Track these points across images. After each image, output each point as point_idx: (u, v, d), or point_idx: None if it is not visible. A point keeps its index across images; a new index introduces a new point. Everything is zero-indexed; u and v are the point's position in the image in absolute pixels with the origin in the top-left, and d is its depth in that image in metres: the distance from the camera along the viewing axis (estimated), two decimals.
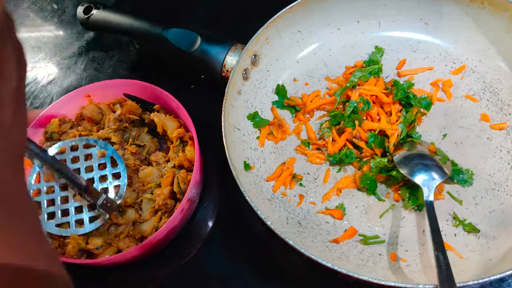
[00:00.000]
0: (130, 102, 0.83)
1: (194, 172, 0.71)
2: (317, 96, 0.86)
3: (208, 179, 0.84)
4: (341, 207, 0.76)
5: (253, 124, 0.84)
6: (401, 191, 0.75)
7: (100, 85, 0.83)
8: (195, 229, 0.80)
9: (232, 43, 0.84)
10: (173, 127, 0.80)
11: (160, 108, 0.83)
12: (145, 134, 0.83)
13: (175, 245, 0.78)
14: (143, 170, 0.76)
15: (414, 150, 0.76)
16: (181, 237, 0.78)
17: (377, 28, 0.91)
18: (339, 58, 0.90)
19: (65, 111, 0.83)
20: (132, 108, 0.83)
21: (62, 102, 0.82)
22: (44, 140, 0.80)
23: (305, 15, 0.87)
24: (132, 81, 0.82)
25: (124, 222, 0.74)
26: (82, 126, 0.82)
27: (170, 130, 0.80)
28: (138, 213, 0.75)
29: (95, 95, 0.84)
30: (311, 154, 0.81)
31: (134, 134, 0.82)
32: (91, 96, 0.84)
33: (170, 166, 0.77)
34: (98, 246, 0.71)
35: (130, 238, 0.72)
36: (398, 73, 0.87)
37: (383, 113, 0.80)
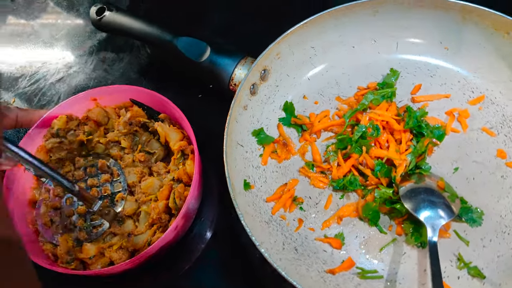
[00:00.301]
0: (136, 108, 0.82)
1: (192, 189, 0.69)
2: (326, 117, 0.83)
3: (208, 193, 0.82)
4: (340, 236, 0.73)
5: (257, 140, 0.81)
6: (405, 225, 0.72)
7: (108, 90, 0.82)
8: (191, 244, 0.79)
9: (242, 56, 0.82)
10: (175, 138, 0.78)
11: (166, 118, 0.81)
12: (155, 141, 0.81)
13: (170, 258, 0.77)
14: (145, 180, 0.75)
15: (421, 183, 0.73)
16: (177, 250, 0.77)
17: (394, 50, 0.87)
18: (352, 78, 0.87)
19: (71, 112, 0.82)
20: (138, 115, 0.81)
21: (68, 104, 0.81)
22: (49, 136, 0.79)
23: (320, 31, 0.84)
24: (139, 88, 0.80)
25: (120, 232, 0.72)
26: (88, 125, 0.81)
27: (173, 141, 0.78)
28: (135, 225, 0.73)
29: (102, 98, 0.82)
30: (315, 177, 0.78)
31: (144, 139, 0.81)
32: (97, 100, 0.82)
33: (169, 179, 0.75)
34: (91, 256, 0.70)
35: (123, 250, 0.71)
36: (412, 98, 0.83)
37: (393, 141, 0.77)
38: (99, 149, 0.80)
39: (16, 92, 0.95)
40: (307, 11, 0.83)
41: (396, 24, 0.85)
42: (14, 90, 0.95)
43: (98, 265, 0.70)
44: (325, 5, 0.96)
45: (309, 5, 1.01)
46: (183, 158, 0.77)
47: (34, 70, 0.99)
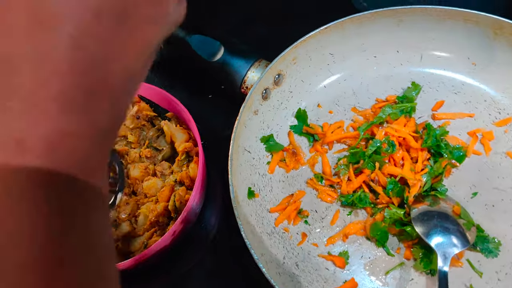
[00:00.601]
0: (144, 104, 0.79)
1: (193, 193, 0.66)
2: (340, 128, 0.79)
3: (211, 197, 0.79)
4: (344, 255, 0.69)
5: (266, 147, 0.78)
6: (414, 249, 0.68)
7: None
8: (189, 249, 0.76)
9: (256, 58, 0.79)
10: (181, 139, 0.75)
11: (173, 117, 0.78)
12: (163, 137, 0.78)
13: (167, 262, 0.74)
14: (147, 180, 0.72)
15: (435, 207, 0.68)
16: (174, 254, 0.74)
17: (418, 62, 0.83)
18: (371, 89, 0.82)
19: None
20: (145, 111, 0.79)
21: None
22: None
23: (341, 38, 0.80)
24: (148, 85, 0.78)
25: (115, 234, 0.70)
26: None
27: (178, 142, 0.75)
28: (132, 226, 0.71)
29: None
30: (323, 191, 0.74)
31: (151, 135, 0.78)
32: None
33: (171, 180, 0.73)
34: None
35: (116, 252, 0.68)
36: (433, 115, 0.79)
37: (408, 159, 0.73)
38: None
39: None
40: (329, 16, 0.79)
41: (422, 35, 0.80)
42: None
43: None
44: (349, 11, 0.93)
45: (333, 9, 0.97)
46: (187, 160, 0.74)
47: None
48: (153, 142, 0.77)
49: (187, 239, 0.74)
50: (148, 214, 0.69)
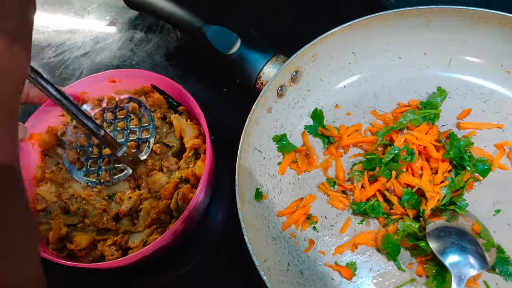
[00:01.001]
0: (157, 96, 0.76)
1: (197, 192, 0.64)
2: (357, 131, 0.75)
3: (218, 195, 0.77)
4: (352, 266, 0.66)
5: (277, 147, 0.75)
6: (428, 265, 0.64)
7: (129, 73, 0.78)
8: (191, 248, 0.74)
9: (274, 53, 0.75)
10: (191, 134, 0.72)
11: (184, 111, 0.76)
12: (173, 133, 0.76)
13: (167, 259, 0.72)
14: (153, 175, 0.70)
15: (453, 223, 0.64)
16: (174, 253, 0.72)
17: (445, 66, 0.78)
18: (393, 92, 0.78)
19: (87, 91, 0.78)
20: (158, 103, 0.77)
21: (86, 82, 0.77)
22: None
23: (365, 36, 0.76)
24: (161, 77, 0.75)
25: (115, 228, 0.68)
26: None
27: (187, 137, 0.72)
28: (133, 222, 0.69)
29: (122, 81, 0.78)
30: (334, 196, 0.71)
31: (164, 131, 0.76)
32: (116, 82, 0.78)
33: (176, 177, 0.70)
34: (82, 247, 0.66)
35: (116, 247, 0.67)
36: (458, 124, 0.74)
37: (428, 169, 0.68)
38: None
39: (41, 62, 0.92)
40: (355, 13, 0.75)
41: (453, 38, 0.75)
42: (39, 60, 0.92)
43: (89, 257, 0.66)
44: (376, 9, 0.89)
45: (360, 6, 0.92)
46: (195, 157, 0.72)
47: (61, 41, 0.96)
48: (164, 138, 0.75)
49: (189, 238, 0.72)
50: (150, 210, 0.66)
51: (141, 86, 0.78)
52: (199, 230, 0.74)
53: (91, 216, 0.69)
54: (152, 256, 0.65)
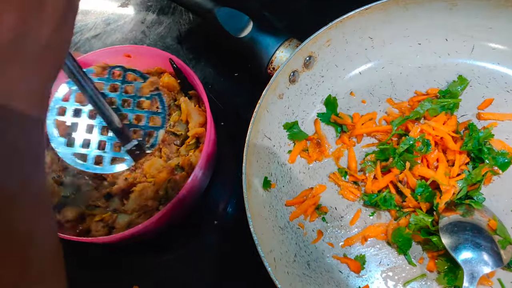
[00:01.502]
0: (168, 78, 0.74)
1: (187, 184, 0.62)
2: (371, 120, 0.72)
3: (223, 181, 0.75)
4: (361, 259, 0.64)
5: (288, 135, 0.73)
6: (439, 261, 0.62)
7: (142, 50, 0.75)
8: (186, 235, 0.73)
9: (287, 37, 0.73)
10: (196, 121, 0.71)
11: (195, 96, 0.74)
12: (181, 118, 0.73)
13: (158, 244, 0.72)
14: (149, 159, 0.69)
15: (468, 218, 0.61)
16: (167, 238, 0.71)
17: (468, 53, 0.74)
18: (410, 80, 0.75)
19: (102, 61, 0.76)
20: (170, 84, 0.74)
21: (102, 53, 0.75)
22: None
23: (383, 20, 0.72)
24: (175, 58, 0.72)
25: (105, 205, 0.68)
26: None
27: (192, 123, 0.71)
28: (123, 203, 0.68)
29: (136, 57, 0.76)
30: (345, 187, 0.69)
31: (175, 117, 0.73)
32: (131, 57, 0.76)
33: (174, 163, 0.69)
34: (67, 219, 0.66)
35: (103, 223, 0.66)
36: (478, 114, 0.70)
37: (444, 161, 0.65)
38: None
39: None
40: None
41: (477, 24, 0.71)
42: None
43: (76, 229, 0.66)
44: None
45: None
46: (195, 145, 0.70)
47: None
48: (171, 127, 0.73)
49: (188, 225, 0.72)
50: (140, 193, 0.65)
51: (155, 67, 0.76)
52: (199, 217, 0.73)
53: (83, 192, 0.68)
54: (137, 238, 0.65)
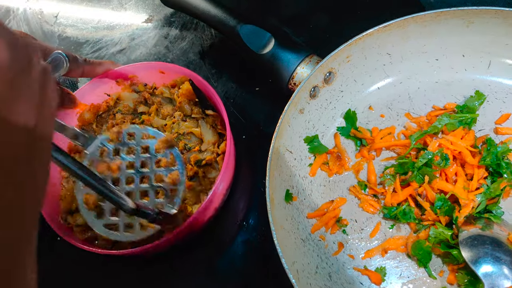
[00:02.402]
0: (188, 86, 0.75)
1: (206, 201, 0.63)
2: (390, 134, 0.74)
3: (240, 194, 0.77)
4: (381, 271, 0.66)
5: (309, 148, 0.75)
6: (460, 274, 0.63)
7: (175, 69, 0.76)
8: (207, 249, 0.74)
9: (308, 54, 0.75)
10: (210, 140, 0.73)
11: (212, 116, 0.74)
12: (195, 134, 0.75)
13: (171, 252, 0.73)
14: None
15: (488, 232, 0.63)
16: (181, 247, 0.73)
17: (485, 69, 0.75)
18: (428, 95, 0.76)
19: (138, 75, 0.79)
20: (189, 92, 0.75)
21: (138, 67, 0.78)
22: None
23: (401, 37, 0.74)
24: (196, 76, 0.74)
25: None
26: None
27: (205, 143, 0.73)
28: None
29: (165, 74, 0.78)
30: (365, 200, 0.71)
31: (187, 127, 0.75)
32: (164, 73, 0.78)
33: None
34: (78, 223, 0.68)
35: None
36: (496, 129, 0.72)
37: (462, 175, 0.67)
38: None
39: None
40: (392, 11, 0.73)
41: (493, 40, 0.73)
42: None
43: (85, 235, 0.69)
44: (414, 7, 0.87)
45: (397, 4, 0.90)
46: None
47: (99, 37, 0.98)
48: (181, 137, 0.74)
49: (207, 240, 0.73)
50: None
51: (173, 80, 0.78)
52: (220, 229, 0.74)
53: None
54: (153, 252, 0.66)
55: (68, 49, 0.97)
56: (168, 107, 0.77)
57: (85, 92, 0.76)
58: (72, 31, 1.00)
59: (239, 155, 0.76)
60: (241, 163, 0.77)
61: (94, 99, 0.77)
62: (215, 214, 0.71)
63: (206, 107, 0.74)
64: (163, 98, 0.78)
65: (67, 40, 0.99)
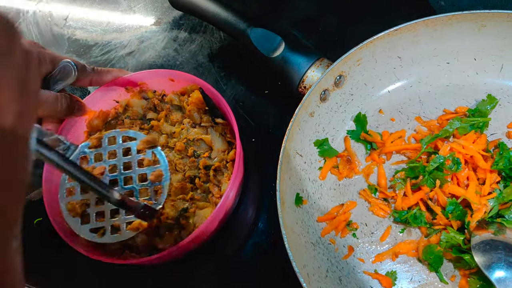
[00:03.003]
0: (198, 95, 0.75)
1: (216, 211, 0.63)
2: (400, 138, 0.74)
3: (250, 197, 0.77)
4: (392, 275, 0.65)
5: (319, 152, 0.75)
6: (472, 279, 0.62)
7: (186, 77, 0.75)
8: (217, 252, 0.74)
9: (318, 57, 0.74)
10: (219, 148, 0.73)
11: (222, 124, 0.74)
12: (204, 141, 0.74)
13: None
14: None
15: (500, 236, 0.62)
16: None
17: (497, 72, 0.75)
18: (439, 98, 0.76)
19: (147, 82, 0.78)
20: (199, 101, 0.76)
21: (147, 74, 0.77)
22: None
23: (412, 41, 0.74)
24: (207, 85, 0.73)
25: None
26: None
27: (214, 151, 0.73)
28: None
29: (175, 81, 0.78)
30: (375, 204, 0.70)
31: (196, 134, 0.74)
32: (174, 81, 0.77)
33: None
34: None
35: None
36: (508, 133, 0.71)
37: (474, 180, 0.66)
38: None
39: (88, 60, 0.95)
40: (403, 14, 0.73)
41: (506, 44, 0.72)
42: (87, 58, 0.95)
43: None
44: (424, 9, 0.86)
45: (408, 7, 0.90)
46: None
47: (108, 40, 0.98)
48: (190, 143, 0.74)
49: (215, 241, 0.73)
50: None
51: (182, 87, 0.77)
52: (230, 234, 0.74)
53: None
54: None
55: (78, 52, 0.98)
56: (178, 114, 0.77)
57: (94, 99, 0.76)
58: (82, 34, 1.00)
59: (248, 158, 0.75)
60: (250, 166, 0.77)
61: (104, 106, 0.77)
62: (224, 220, 0.71)
63: (216, 116, 0.74)
64: (172, 105, 0.78)
65: (77, 42, 0.99)
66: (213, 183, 0.71)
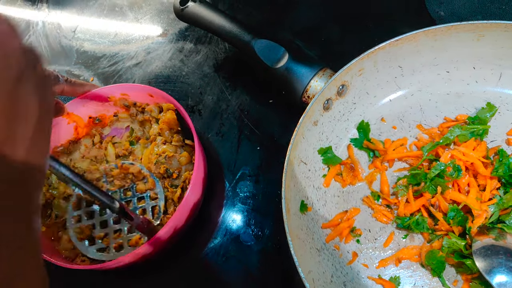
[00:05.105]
0: (170, 115, 0.78)
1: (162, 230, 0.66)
2: (402, 146, 0.76)
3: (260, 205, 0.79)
4: (395, 280, 0.67)
5: (323, 160, 0.76)
6: (473, 284, 0.64)
7: (162, 94, 0.78)
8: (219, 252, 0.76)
9: (321, 67, 0.76)
10: (187, 168, 0.77)
11: (192, 147, 0.77)
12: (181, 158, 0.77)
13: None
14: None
15: (501, 242, 0.64)
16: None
17: (495, 81, 0.77)
18: (440, 107, 0.78)
19: (129, 94, 0.81)
20: (171, 121, 0.78)
21: (127, 87, 0.80)
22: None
23: (413, 51, 0.76)
24: (180, 108, 0.75)
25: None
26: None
27: (182, 170, 0.78)
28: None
29: (154, 97, 0.80)
30: (378, 210, 0.72)
31: (169, 152, 0.77)
32: (153, 97, 0.80)
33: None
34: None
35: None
36: (508, 140, 0.73)
37: (475, 186, 0.68)
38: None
39: (96, 71, 0.98)
40: (403, 25, 0.75)
41: (504, 53, 0.74)
42: (94, 69, 0.98)
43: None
44: (423, 20, 0.88)
45: (407, 18, 0.92)
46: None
47: (115, 51, 1.01)
48: (162, 161, 0.76)
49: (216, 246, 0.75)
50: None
51: (167, 103, 0.79)
52: (236, 239, 0.76)
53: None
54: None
55: (86, 63, 1.00)
56: (156, 128, 0.80)
57: (73, 107, 0.80)
58: (90, 46, 1.03)
59: (254, 165, 0.77)
60: (254, 174, 0.79)
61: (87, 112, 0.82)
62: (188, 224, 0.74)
63: (187, 137, 0.78)
64: (151, 116, 0.81)
65: (85, 54, 1.02)
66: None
